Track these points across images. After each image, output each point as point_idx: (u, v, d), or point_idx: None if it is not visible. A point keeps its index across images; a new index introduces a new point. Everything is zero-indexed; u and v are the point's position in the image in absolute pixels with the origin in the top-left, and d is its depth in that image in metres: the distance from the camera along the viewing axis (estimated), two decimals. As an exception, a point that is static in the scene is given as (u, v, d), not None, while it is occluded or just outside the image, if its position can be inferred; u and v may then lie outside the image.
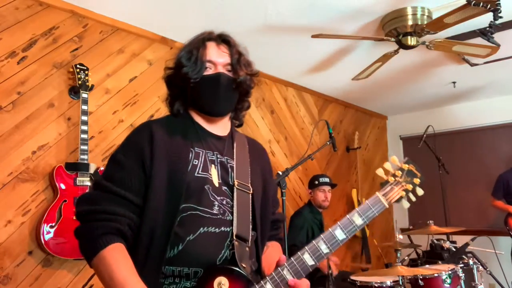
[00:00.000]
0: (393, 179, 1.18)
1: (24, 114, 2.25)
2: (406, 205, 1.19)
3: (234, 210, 1.15)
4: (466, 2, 2.23)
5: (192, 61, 1.19)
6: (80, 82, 2.38)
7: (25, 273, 2.15)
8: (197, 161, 1.15)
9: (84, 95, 2.37)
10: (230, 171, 1.20)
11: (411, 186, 1.18)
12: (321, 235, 1.10)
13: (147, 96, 2.86)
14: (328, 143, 2.78)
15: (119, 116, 2.69)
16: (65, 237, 2.18)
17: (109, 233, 1.04)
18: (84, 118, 2.35)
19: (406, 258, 3.27)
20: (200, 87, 1.20)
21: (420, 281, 2.55)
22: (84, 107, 2.36)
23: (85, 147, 2.33)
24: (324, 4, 2.60)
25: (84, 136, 2.33)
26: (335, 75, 3.93)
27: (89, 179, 2.33)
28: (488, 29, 2.68)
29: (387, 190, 1.17)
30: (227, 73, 1.21)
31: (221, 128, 1.27)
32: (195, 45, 1.22)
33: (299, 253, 1.08)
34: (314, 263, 1.08)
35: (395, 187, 1.17)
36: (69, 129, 2.42)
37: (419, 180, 1.19)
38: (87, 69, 2.43)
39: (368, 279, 2.76)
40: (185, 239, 1.08)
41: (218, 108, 1.23)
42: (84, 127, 2.34)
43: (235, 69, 1.22)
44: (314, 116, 4.50)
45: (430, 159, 4.23)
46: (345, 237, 1.10)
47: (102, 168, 2.42)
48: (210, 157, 1.19)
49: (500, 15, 2.37)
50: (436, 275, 2.56)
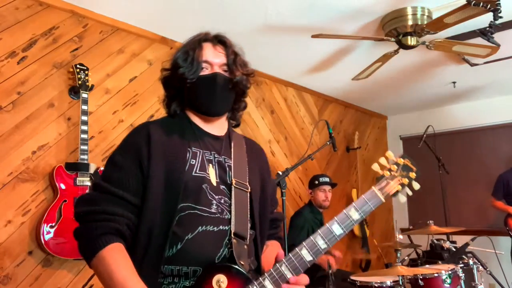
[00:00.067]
0: (388, 173, 1.18)
1: (24, 114, 2.25)
2: (402, 199, 1.18)
3: (232, 208, 1.15)
4: (466, 2, 2.23)
5: (188, 61, 1.20)
6: (80, 82, 2.38)
7: (25, 273, 2.15)
8: (194, 160, 1.16)
9: (84, 95, 2.37)
10: (228, 170, 1.21)
11: (407, 180, 1.18)
12: (318, 230, 1.10)
13: (147, 96, 2.86)
14: (328, 143, 2.79)
15: (119, 116, 2.69)
16: (65, 237, 2.19)
17: (108, 233, 1.04)
18: (84, 118, 2.35)
19: (406, 258, 3.27)
20: (196, 88, 1.20)
21: (420, 281, 2.55)
22: (84, 107, 2.36)
23: (85, 147, 2.33)
24: (324, 4, 2.60)
25: (84, 136, 2.33)
26: (335, 75, 3.93)
27: (89, 179, 2.33)
28: (488, 29, 2.68)
29: (382, 184, 1.16)
30: (224, 73, 1.22)
31: (218, 128, 1.27)
32: (191, 46, 1.23)
33: (297, 249, 1.08)
34: (312, 258, 1.08)
35: (391, 181, 1.17)
36: (69, 129, 2.42)
37: (415, 174, 1.19)
38: (87, 69, 2.43)
39: (368, 279, 2.75)
40: (183, 238, 1.08)
41: (214, 108, 1.23)
42: (84, 127, 2.34)
43: (231, 69, 1.22)
44: (314, 116, 4.50)
45: (430, 159, 4.22)
46: (342, 232, 1.10)
47: (102, 168, 2.42)
48: (207, 157, 1.19)
49: (500, 15, 2.37)
50: (436, 275, 2.56)
